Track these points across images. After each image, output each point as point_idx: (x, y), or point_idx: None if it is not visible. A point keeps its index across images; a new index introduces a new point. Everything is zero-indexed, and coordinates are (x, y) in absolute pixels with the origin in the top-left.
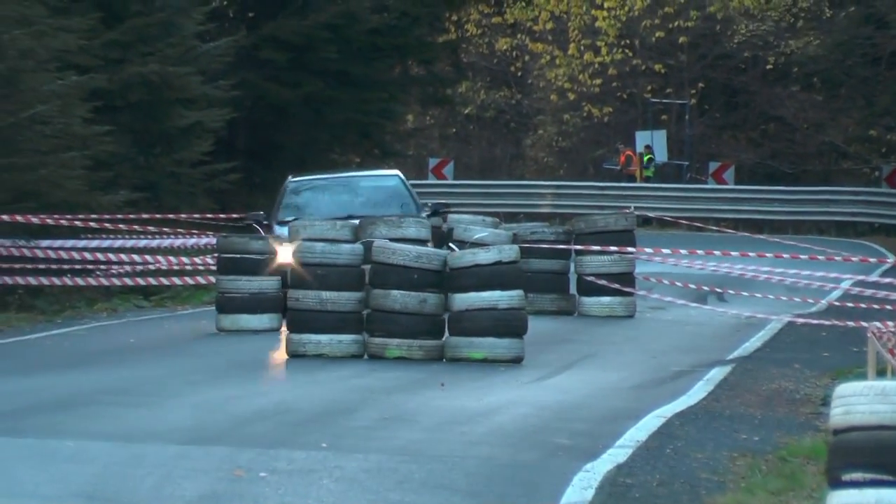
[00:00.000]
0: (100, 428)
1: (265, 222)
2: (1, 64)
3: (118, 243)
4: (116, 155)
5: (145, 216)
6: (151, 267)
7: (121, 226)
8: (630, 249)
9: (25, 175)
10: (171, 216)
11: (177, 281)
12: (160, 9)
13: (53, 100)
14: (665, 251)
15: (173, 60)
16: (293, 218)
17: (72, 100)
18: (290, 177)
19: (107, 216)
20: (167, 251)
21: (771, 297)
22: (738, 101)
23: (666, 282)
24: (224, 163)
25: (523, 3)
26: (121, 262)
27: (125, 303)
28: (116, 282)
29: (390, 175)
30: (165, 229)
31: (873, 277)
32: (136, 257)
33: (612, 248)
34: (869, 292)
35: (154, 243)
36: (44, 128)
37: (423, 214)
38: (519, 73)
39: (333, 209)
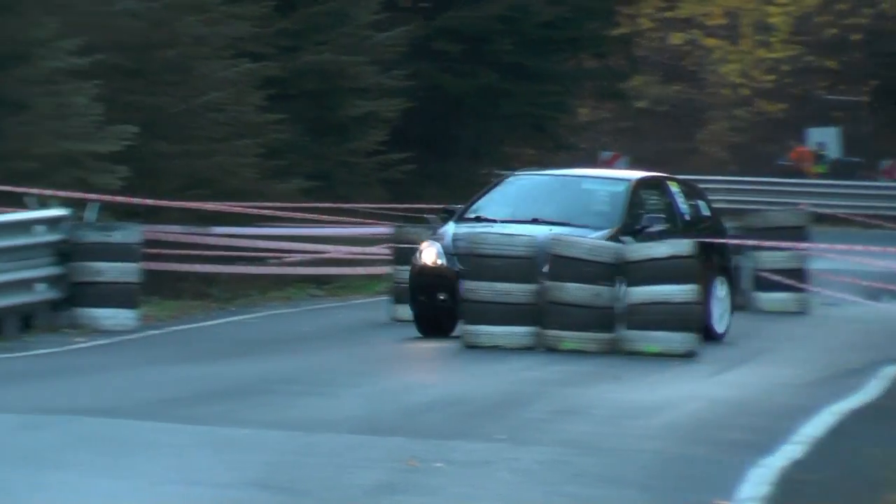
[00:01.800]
0: (274, 416)
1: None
2: (174, 50)
3: (292, 231)
4: (290, 143)
5: (319, 205)
6: (325, 256)
7: (295, 214)
8: (805, 245)
9: (199, 162)
10: (344, 205)
11: (351, 270)
12: None
13: (227, 87)
14: (839, 247)
15: (347, 49)
16: (474, 216)
17: (245, 87)
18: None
19: (280, 204)
20: (341, 240)
21: None
22: None
23: (840, 278)
24: (398, 153)
25: None
26: (295, 251)
27: (299, 291)
28: (290, 270)
29: (622, 180)
30: (339, 218)
31: None
32: (309, 246)
33: (787, 244)
34: None
35: (328, 232)
36: (217, 115)
37: (607, 229)
38: (692, 69)
39: (522, 211)
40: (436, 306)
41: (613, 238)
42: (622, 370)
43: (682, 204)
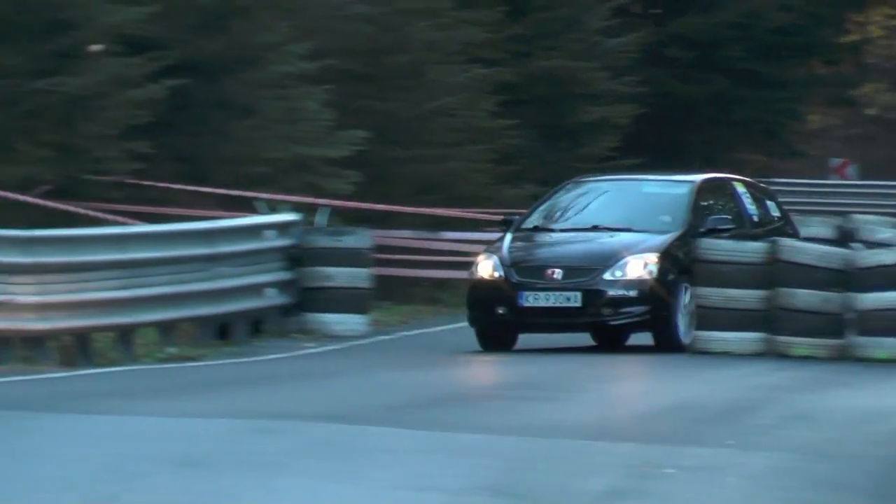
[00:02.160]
0: (505, 422)
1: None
2: (407, 56)
3: None
4: (521, 149)
5: None
6: None
7: None
8: None
9: (432, 167)
10: None
11: None
12: (564, 4)
13: (459, 92)
14: None
15: (577, 55)
16: (533, 226)
17: (477, 93)
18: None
19: (511, 210)
20: None
21: None
22: None
23: None
24: (630, 158)
25: None
26: None
27: None
28: None
29: (685, 182)
30: None
31: None
32: None
33: None
34: None
35: None
36: (449, 120)
37: (671, 233)
38: None
39: (582, 218)
40: (495, 321)
41: (680, 241)
42: (852, 376)
43: (750, 205)
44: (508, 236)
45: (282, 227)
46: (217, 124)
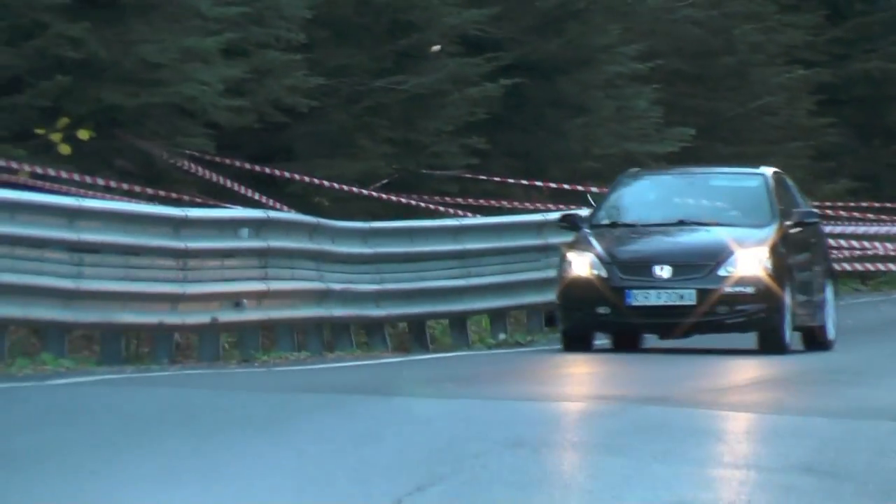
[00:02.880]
0: (817, 404)
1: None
2: (732, 57)
3: (838, 229)
4: (839, 146)
5: (864, 204)
6: (869, 252)
7: (841, 213)
8: None
9: (753, 163)
10: (889, 205)
11: (893, 266)
12: (884, 8)
13: (780, 92)
14: None
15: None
16: (608, 222)
17: (798, 93)
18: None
19: (827, 203)
20: (885, 237)
21: None
22: None
23: None
24: None
25: None
26: (840, 248)
27: (843, 286)
28: (836, 266)
29: (755, 174)
30: (883, 217)
31: None
32: (854, 243)
33: None
34: None
35: (872, 230)
36: (771, 119)
37: (773, 226)
38: None
39: (662, 213)
40: (593, 322)
41: (783, 233)
42: None
43: (800, 197)
44: (590, 232)
45: None
46: (551, 122)
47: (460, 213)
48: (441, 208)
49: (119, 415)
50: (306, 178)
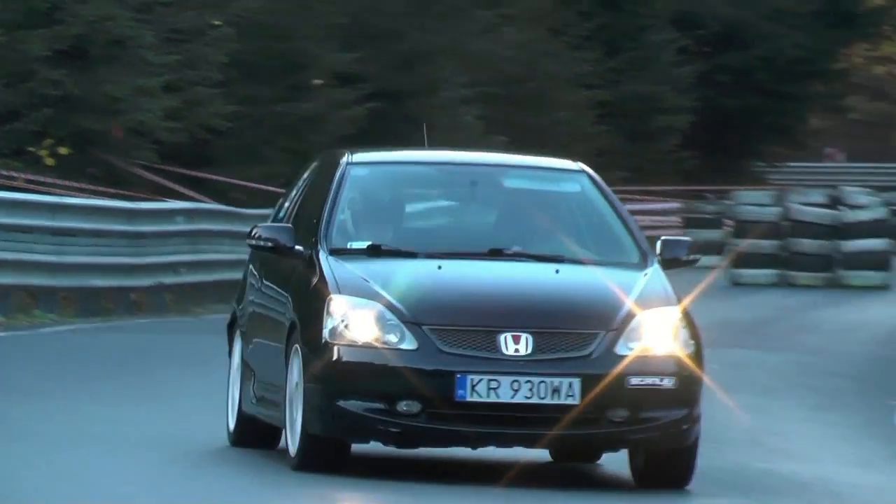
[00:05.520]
0: None
1: None
2: (535, 83)
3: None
4: (614, 147)
5: (633, 187)
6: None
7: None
8: None
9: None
10: (651, 188)
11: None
12: (644, 46)
13: (571, 109)
14: None
15: (654, 81)
16: (362, 247)
17: (583, 109)
18: None
19: None
20: (651, 212)
21: None
22: None
23: None
24: (688, 152)
25: None
26: None
27: None
28: None
29: (571, 171)
30: (647, 197)
31: None
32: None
33: None
34: None
35: (638, 206)
36: (564, 128)
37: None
38: (890, 90)
39: (441, 233)
40: (380, 425)
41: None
42: (840, 298)
43: None
44: (342, 265)
45: None
46: (402, 134)
47: None
48: None
49: (92, 354)
50: (226, 179)
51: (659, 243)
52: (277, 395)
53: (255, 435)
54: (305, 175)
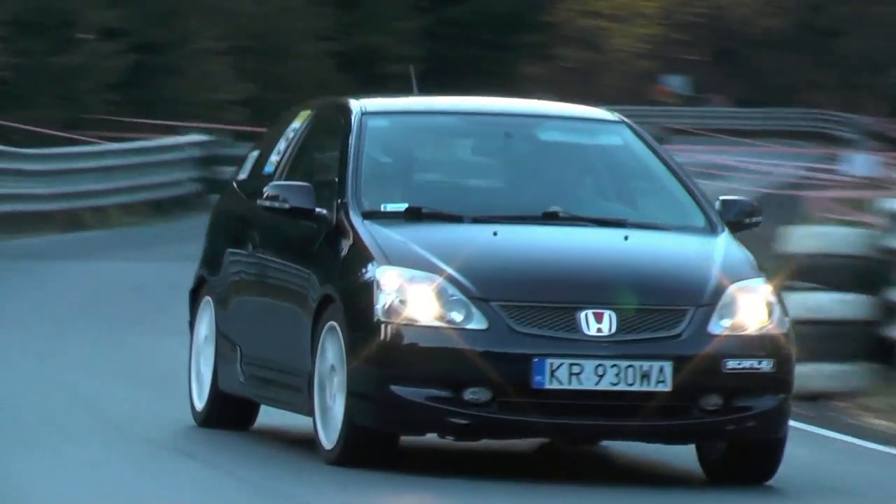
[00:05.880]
0: None
1: None
2: (278, 35)
3: None
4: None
5: None
6: None
7: None
8: None
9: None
10: None
11: None
12: (375, 2)
13: (311, 59)
14: None
15: (385, 33)
16: (396, 209)
17: (322, 58)
18: None
19: None
20: None
21: None
22: None
23: None
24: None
25: None
26: None
27: None
28: None
29: (610, 122)
30: None
31: None
32: None
33: None
34: None
35: None
36: (304, 73)
37: (724, 232)
38: (596, 41)
39: (490, 193)
40: (443, 417)
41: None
42: None
43: None
44: (386, 231)
45: None
46: (160, 81)
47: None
48: (95, 140)
49: None
50: (4, 122)
51: (718, 203)
52: (290, 378)
53: (230, 415)
54: (298, 126)
